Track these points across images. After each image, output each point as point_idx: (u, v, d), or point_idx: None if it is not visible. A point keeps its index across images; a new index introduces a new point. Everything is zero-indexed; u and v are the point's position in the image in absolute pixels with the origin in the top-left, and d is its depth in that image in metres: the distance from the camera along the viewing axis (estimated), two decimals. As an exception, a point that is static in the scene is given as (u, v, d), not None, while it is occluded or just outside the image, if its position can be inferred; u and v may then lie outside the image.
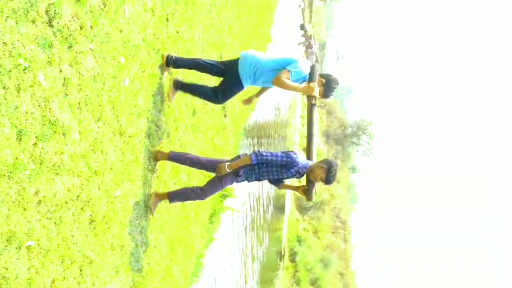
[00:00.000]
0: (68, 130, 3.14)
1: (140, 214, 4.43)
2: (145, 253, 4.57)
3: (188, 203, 5.76)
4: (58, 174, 3.08)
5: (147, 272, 4.60)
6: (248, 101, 5.48)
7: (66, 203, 3.18)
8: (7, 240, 2.59)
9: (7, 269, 2.57)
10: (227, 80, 4.74)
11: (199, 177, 6.25)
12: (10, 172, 2.62)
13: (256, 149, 7.05)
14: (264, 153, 4.34)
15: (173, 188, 5.23)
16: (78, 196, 3.32)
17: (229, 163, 4.45)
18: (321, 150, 24.83)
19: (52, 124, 2.96)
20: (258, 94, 5.37)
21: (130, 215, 4.20)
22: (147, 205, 4.59)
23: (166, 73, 4.86)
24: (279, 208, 19.05)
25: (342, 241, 23.40)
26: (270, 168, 4.39)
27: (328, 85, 4.58)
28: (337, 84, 4.67)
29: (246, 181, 4.56)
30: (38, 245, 2.86)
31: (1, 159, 2.54)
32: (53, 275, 3.00)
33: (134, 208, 4.26)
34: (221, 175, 4.46)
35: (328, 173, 4.32)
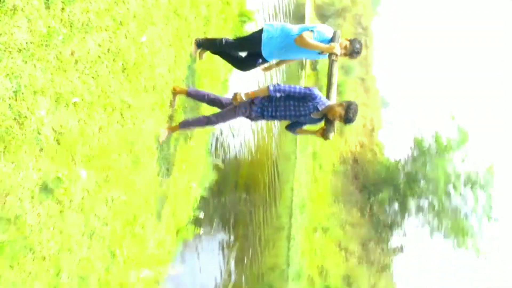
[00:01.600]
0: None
1: (167, 53, 4.65)
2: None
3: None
4: (88, 32, 3.25)
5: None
6: (267, 68, 5.42)
7: (99, 57, 3.42)
8: (56, 101, 2.93)
9: (61, 125, 2.96)
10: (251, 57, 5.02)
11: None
12: (46, 40, 2.82)
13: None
14: (282, 85, 4.20)
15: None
16: (108, 49, 3.54)
17: (246, 92, 4.29)
18: None
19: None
20: (279, 63, 5.40)
21: (158, 57, 4.44)
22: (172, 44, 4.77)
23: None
24: (299, 18, 18.72)
25: (363, 47, 23.20)
26: (288, 102, 4.26)
27: (353, 45, 4.61)
28: (361, 44, 4.65)
29: (261, 117, 4.41)
30: (82, 100, 3.20)
31: (36, 31, 2.72)
32: (99, 123, 3.42)
33: (161, 49, 4.47)
34: (236, 104, 4.36)
35: (348, 110, 4.15)
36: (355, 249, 15.66)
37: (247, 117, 4.44)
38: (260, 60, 4.98)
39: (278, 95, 4.21)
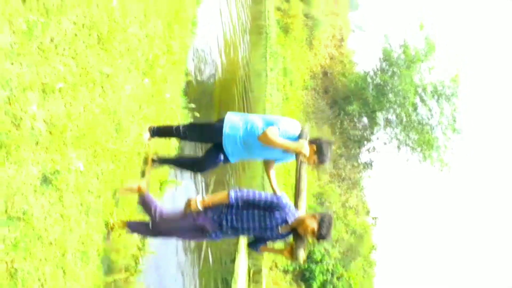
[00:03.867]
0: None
1: (137, 9, 4.74)
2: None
3: None
4: (62, 13, 3.38)
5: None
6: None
7: (76, 35, 3.58)
8: (43, 91, 3.14)
9: (51, 115, 3.20)
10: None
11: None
12: (28, 35, 2.97)
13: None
14: (245, 191, 3.73)
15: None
16: (83, 24, 3.68)
17: (200, 198, 3.80)
18: None
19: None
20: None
21: (129, 15, 4.54)
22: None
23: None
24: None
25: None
26: (251, 211, 3.75)
27: (320, 150, 4.20)
28: (330, 145, 4.31)
29: (219, 228, 3.82)
30: (66, 83, 3.40)
31: (18, 30, 2.87)
32: (83, 101, 3.64)
33: (131, 7, 4.56)
34: (187, 212, 3.82)
35: (321, 225, 3.71)
36: (327, 167, 16.52)
37: (200, 229, 3.84)
38: (222, 158, 4.51)
39: (240, 203, 3.75)
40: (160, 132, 4.77)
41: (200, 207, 3.75)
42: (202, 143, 5.17)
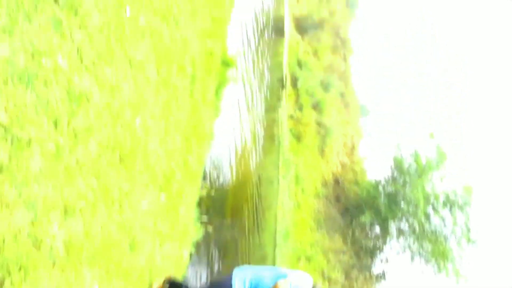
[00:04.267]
0: (89, 96, 3.54)
1: (158, 127, 4.99)
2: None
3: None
4: (90, 135, 3.58)
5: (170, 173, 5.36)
6: None
7: (100, 156, 3.75)
8: (65, 212, 3.24)
9: (70, 235, 3.28)
10: None
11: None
12: (56, 158, 3.14)
13: None
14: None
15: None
16: (107, 145, 3.87)
17: None
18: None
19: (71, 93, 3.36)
20: None
21: (150, 133, 4.78)
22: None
23: None
24: (279, 30, 19.25)
25: (342, 61, 24.01)
26: None
27: None
28: None
29: None
30: (86, 202, 3.51)
31: (47, 153, 3.04)
32: (101, 220, 3.73)
33: (152, 125, 4.81)
34: None
35: None
36: (339, 278, 16.13)
37: None
38: None
39: None
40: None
41: None
42: None
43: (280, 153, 15.92)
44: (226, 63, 7.48)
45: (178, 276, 5.36)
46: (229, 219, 9.65)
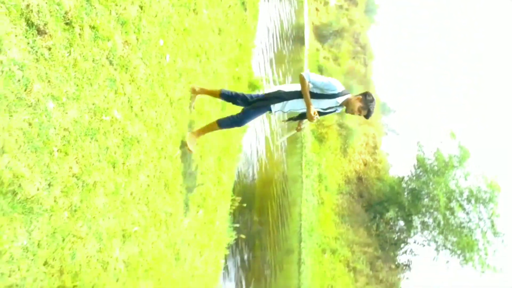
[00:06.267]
0: (139, 138, 4.06)
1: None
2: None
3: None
4: (140, 170, 4.11)
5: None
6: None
7: (148, 185, 4.27)
8: (123, 236, 3.77)
9: (128, 256, 3.81)
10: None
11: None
12: (114, 194, 3.67)
13: None
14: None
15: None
16: (154, 175, 4.39)
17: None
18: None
19: (125, 139, 3.88)
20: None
21: (189, 161, 5.29)
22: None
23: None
24: (299, 39, 19.61)
25: (362, 66, 24.23)
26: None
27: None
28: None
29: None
30: (139, 226, 4.04)
31: (109, 192, 3.57)
32: (151, 239, 4.26)
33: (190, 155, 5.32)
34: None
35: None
36: (363, 269, 16.47)
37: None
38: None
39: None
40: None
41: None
42: None
43: (303, 154, 16.35)
44: (252, 85, 7.95)
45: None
46: (257, 217, 10.14)
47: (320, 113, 4.78)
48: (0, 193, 2.47)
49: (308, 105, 4.62)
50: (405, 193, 18.96)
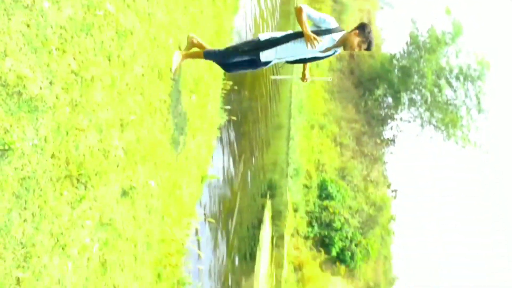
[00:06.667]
0: (132, 30, 4.11)
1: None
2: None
3: None
4: (136, 61, 4.23)
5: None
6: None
7: (143, 75, 4.42)
8: (121, 125, 4.02)
9: (126, 142, 4.10)
10: None
11: None
12: (112, 86, 3.84)
13: None
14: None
15: None
16: (148, 65, 4.52)
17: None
18: None
19: (119, 31, 3.94)
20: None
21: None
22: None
23: None
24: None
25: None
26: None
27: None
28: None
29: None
30: (136, 115, 4.28)
31: (104, 82, 3.74)
32: (147, 127, 4.52)
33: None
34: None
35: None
36: (350, 143, 17.26)
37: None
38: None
39: None
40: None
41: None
42: None
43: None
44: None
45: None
46: (247, 93, 10.40)
47: (318, 58, 4.83)
48: (7, 94, 2.64)
49: (302, 26, 4.55)
50: (395, 70, 19.12)
